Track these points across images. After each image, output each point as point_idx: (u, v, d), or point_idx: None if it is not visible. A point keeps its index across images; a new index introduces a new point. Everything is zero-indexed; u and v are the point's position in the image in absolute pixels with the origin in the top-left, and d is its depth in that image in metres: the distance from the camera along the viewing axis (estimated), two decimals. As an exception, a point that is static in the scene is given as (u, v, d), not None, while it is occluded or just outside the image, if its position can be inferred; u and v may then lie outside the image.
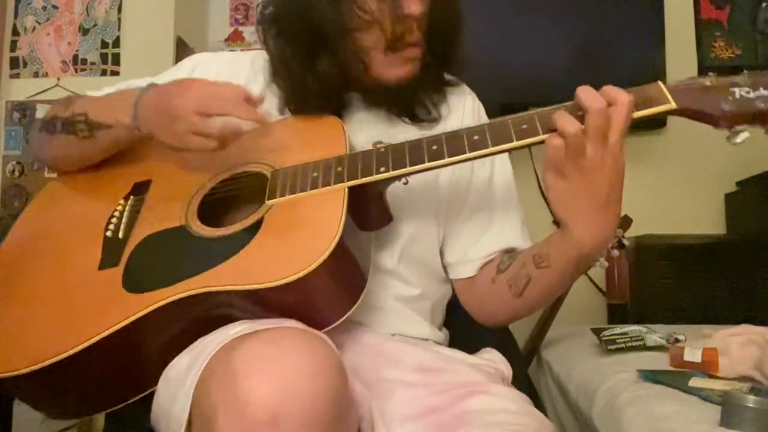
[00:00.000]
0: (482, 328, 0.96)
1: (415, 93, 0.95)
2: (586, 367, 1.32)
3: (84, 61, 2.18)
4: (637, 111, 0.71)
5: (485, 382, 0.83)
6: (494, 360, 0.90)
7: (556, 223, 0.78)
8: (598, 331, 1.38)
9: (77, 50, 2.18)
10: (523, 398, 0.84)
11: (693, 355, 1.13)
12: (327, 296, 0.75)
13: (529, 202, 1.07)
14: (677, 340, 1.30)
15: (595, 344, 1.37)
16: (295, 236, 0.77)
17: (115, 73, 2.16)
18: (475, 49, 0.97)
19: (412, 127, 0.96)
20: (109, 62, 2.17)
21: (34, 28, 2.20)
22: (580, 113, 0.70)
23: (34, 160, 2.10)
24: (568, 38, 2.12)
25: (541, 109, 0.75)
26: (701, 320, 1.61)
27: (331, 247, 0.71)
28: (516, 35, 2.12)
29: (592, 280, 2.14)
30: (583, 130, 0.69)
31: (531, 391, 0.95)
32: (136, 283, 0.78)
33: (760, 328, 1.15)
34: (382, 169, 0.78)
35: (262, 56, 0.99)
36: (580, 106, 0.71)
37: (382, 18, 0.86)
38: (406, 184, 0.90)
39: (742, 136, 0.71)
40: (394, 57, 0.88)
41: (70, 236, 0.89)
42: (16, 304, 0.83)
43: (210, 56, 1.04)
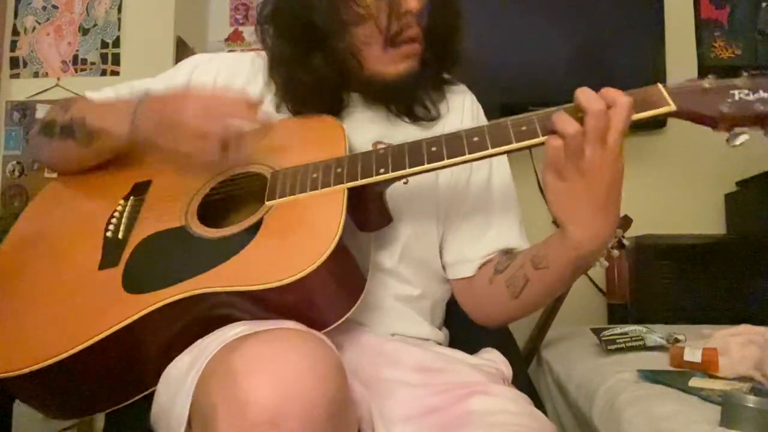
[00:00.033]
0: (482, 328, 0.97)
1: (415, 90, 0.95)
2: (586, 367, 1.32)
3: (84, 61, 2.18)
4: (636, 113, 0.71)
5: (485, 382, 0.83)
6: (494, 360, 0.90)
7: (556, 223, 0.78)
8: (598, 331, 1.38)
9: (77, 50, 2.18)
10: (524, 398, 0.84)
11: (693, 355, 1.13)
12: (327, 297, 0.75)
13: (529, 203, 1.07)
14: (677, 340, 1.30)
15: (595, 344, 1.37)
16: (295, 237, 0.77)
17: (115, 73, 2.16)
18: (475, 49, 0.97)
19: (412, 127, 0.96)
20: (109, 62, 2.17)
21: (34, 28, 2.20)
22: (580, 115, 0.70)
23: (33, 161, 2.10)
24: (568, 38, 2.11)
25: (541, 111, 0.75)
26: (701, 320, 1.61)
27: (331, 247, 0.71)
28: (516, 35, 2.12)
29: (592, 280, 2.14)
30: (583, 131, 0.69)
31: (531, 391, 0.95)
32: (135, 283, 0.78)
33: (760, 328, 1.15)
34: (382, 170, 0.78)
35: (262, 56, 0.99)
36: (579, 107, 0.71)
37: (379, 13, 0.86)
38: (406, 183, 0.90)
39: (742, 139, 0.71)
40: (394, 53, 0.89)
41: (70, 236, 0.89)
42: (16, 304, 0.83)
43: (210, 57, 1.04)
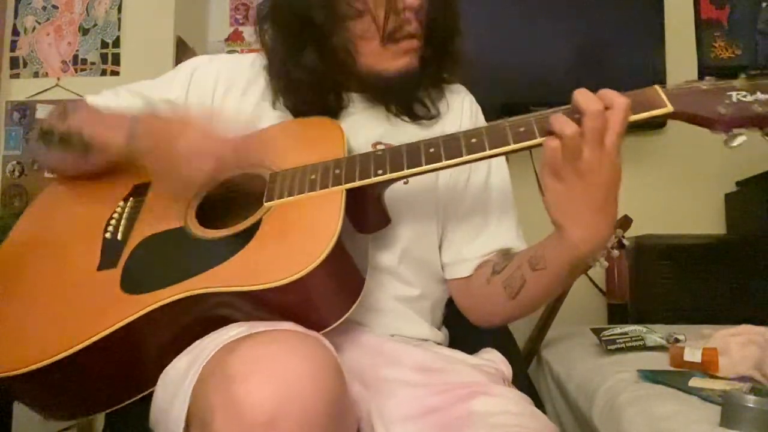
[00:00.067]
0: (482, 328, 0.97)
1: (415, 88, 0.95)
2: (586, 367, 1.32)
3: (84, 61, 2.18)
4: (633, 114, 0.71)
5: (486, 382, 0.83)
6: (494, 360, 0.90)
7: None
8: (598, 331, 1.38)
9: (77, 50, 2.18)
10: (525, 399, 0.83)
11: (693, 355, 1.13)
12: (325, 297, 0.75)
13: (530, 203, 1.07)
14: (677, 340, 1.30)
15: (595, 344, 1.37)
16: (293, 238, 0.77)
17: (115, 73, 2.16)
18: (476, 49, 0.97)
19: (412, 126, 0.96)
20: (109, 62, 2.17)
21: (34, 28, 2.20)
22: (577, 116, 0.70)
23: (33, 161, 2.10)
24: (568, 38, 2.12)
25: (539, 113, 0.75)
26: (701, 320, 1.61)
27: (329, 248, 0.71)
28: (516, 35, 2.12)
29: (592, 280, 2.14)
30: (580, 132, 0.69)
31: (531, 391, 0.95)
32: (134, 284, 0.78)
33: (760, 328, 1.15)
34: (380, 171, 0.78)
35: (262, 58, 0.99)
36: (577, 109, 0.71)
37: (377, 8, 0.86)
38: (407, 183, 0.90)
39: (739, 140, 0.71)
40: (392, 48, 0.89)
41: (70, 237, 0.89)
42: (15, 305, 0.83)
43: (210, 58, 1.04)
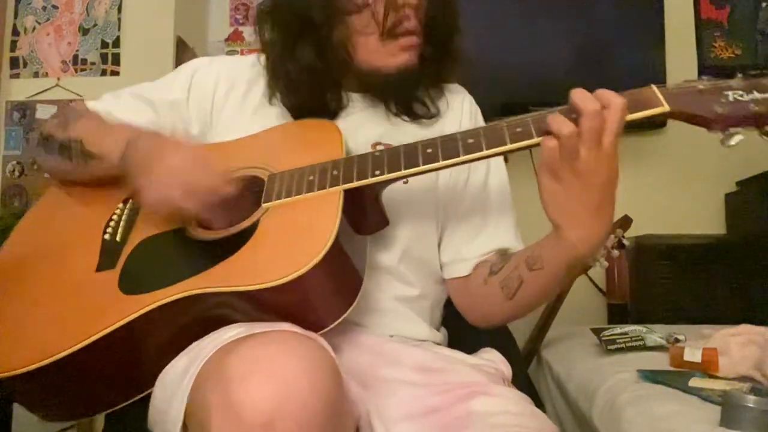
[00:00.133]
0: (480, 328, 0.97)
1: (414, 86, 0.95)
2: (586, 367, 1.32)
3: (84, 61, 2.18)
4: (630, 114, 0.71)
5: (486, 382, 0.83)
6: (494, 360, 0.90)
7: None
8: (598, 331, 1.38)
9: (77, 50, 2.18)
10: (525, 399, 0.83)
11: (693, 355, 1.13)
12: (322, 298, 0.75)
13: (529, 204, 1.07)
14: (677, 340, 1.30)
15: (595, 344, 1.37)
16: (291, 238, 0.77)
17: (115, 73, 2.16)
18: (475, 49, 0.97)
19: (412, 126, 0.96)
20: (109, 62, 2.17)
21: (34, 28, 2.20)
22: (574, 116, 0.71)
23: (33, 161, 2.10)
24: (568, 38, 2.12)
25: (536, 113, 0.75)
26: (701, 320, 1.61)
27: (326, 248, 0.71)
28: (516, 35, 2.12)
29: (592, 280, 2.14)
30: (578, 132, 0.70)
31: (531, 391, 0.95)
32: (132, 285, 0.78)
33: (760, 328, 1.15)
34: (377, 172, 0.78)
35: (262, 58, 0.99)
36: (574, 108, 0.71)
37: (376, 3, 0.86)
38: (406, 183, 0.90)
39: (736, 139, 0.71)
40: (391, 45, 0.89)
41: (70, 239, 0.90)
42: (14, 305, 0.83)
43: (210, 60, 1.04)
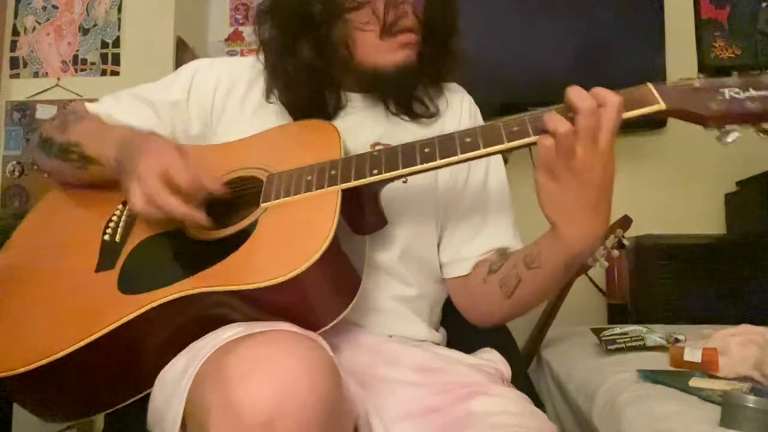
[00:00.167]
0: (480, 327, 0.97)
1: (413, 83, 0.95)
2: (586, 367, 1.32)
3: (84, 61, 2.18)
4: (626, 112, 0.72)
5: (485, 382, 0.83)
6: (493, 360, 0.90)
7: None
8: (598, 331, 1.38)
9: (77, 50, 2.18)
10: (524, 398, 0.83)
11: (693, 355, 1.13)
12: (321, 297, 0.75)
13: (529, 204, 1.07)
14: (677, 340, 1.30)
15: (595, 344, 1.37)
16: (289, 238, 0.77)
17: (115, 73, 2.16)
18: (475, 49, 0.97)
19: (411, 125, 0.96)
20: (109, 62, 2.17)
21: (34, 28, 2.20)
22: (571, 115, 0.71)
23: (33, 162, 2.10)
24: (568, 38, 2.12)
25: (533, 112, 0.75)
26: (701, 320, 1.61)
27: (324, 247, 0.71)
28: (516, 35, 2.12)
29: (592, 280, 2.13)
30: (574, 130, 0.70)
31: (531, 391, 0.95)
32: (131, 284, 0.79)
33: (760, 328, 1.15)
34: (375, 171, 0.78)
35: (262, 59, 0.99)
36: (570, 107, 0.71)
37: (375, 0, 0.87)
38: (405, 182, 0.90)
39: (733, 136, 0.71)
40: (390, 42, 0.89)
41: (70, 240, 0.90)
42: (14, 305, 0.83)
43: (210, 62, 1.04)
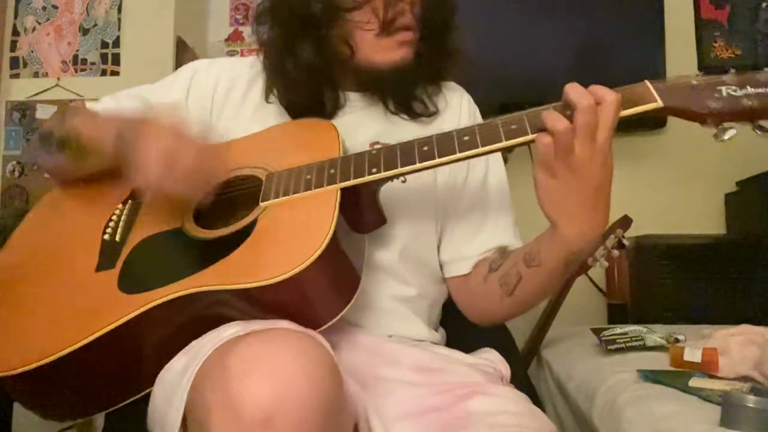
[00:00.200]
0: (481, 328, 0.97)
1: (411, 82, 0.95)
2: (586, 367, 1.32)
3: (84, 61, 2.18)
4: (624, 109, 0.72)
5: (484, 382, 0.83)
6: (493, 360, 0.90)
7: None
8: (598, 331, 1.38)
9: (77, 50, 2.18)
10: (523, 398, 0.83)
11: (693, 355, 1.13)
12: (320, 295, 0.76)
13: (529, 202, 1.07)
14: (677, 340, 1.30)
15: (595, 344, 1.37)
16: (288, 236, 0.77)
17: (115, 73, 2.16)
18: (475, 49, 0.98)
19: (410, 124, 0.96)
20: (109, 62, 2.17)
21: (34, 28, 2.20)
22: (569, 112, 0.71)
23: (34, 162, 2.10)
24: (568, 38, 2.11)
25: (531, 110, 0.75)
26: (701, 320, 1.61)
27: (323, 246, 0.71)
28: (516, 35, 2.11)
29: (592, 280, 2.13)
30: (572, 128, 0.70)
31: (530, 390, 0.95)
32: (131, 284, 0.79)
33: (760, 328, 1.15)
34: (374, 170, 0.79)
35: (261, 59, 0.99)
36: (568, 104, 0.71)
37: (374, 0, 0.87)
38: (404, 182, 0.90)
39: (729, 134, 0.72)
40: (387, 41, 0.89)
41: (70, 240, 0.90)
42: (15, 306, 0.83)
43: (210, 62, 1.04)
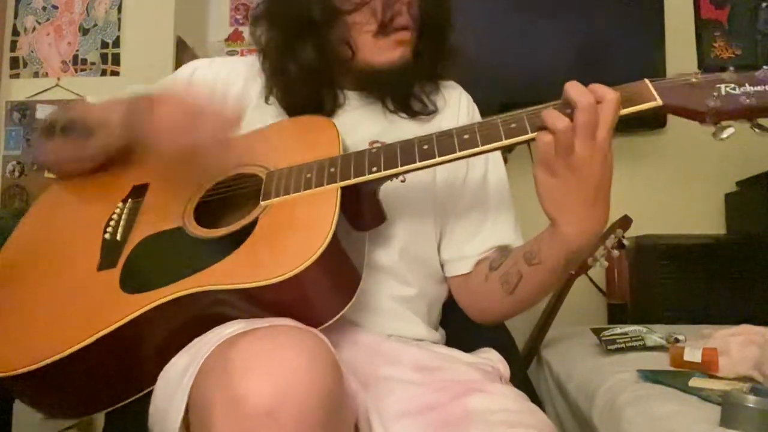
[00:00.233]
0: (480, 327, 0.97)
1: (410, 81, 0.95)
2: (586, 367, 1.32)
3: (84, 61, 2.18)
4: (623, 108, 0.72)
5: (483, 380, 0.83)
6: (492, 359, 0.90)
7: None
8: (598, 331, 1.38)
9: (77, 50, 2.18)
10: (522, 396, 0.84)
11: (693, 355, 1.13)
12: (321, 294, 0.76)
13: (529, 201, 1.07)
14: (677, 340, 1.30)
15: (595, 344, 1.37)
16: (289, 236, 0.77)
17: (115, 73, 2.16)
18: (475, 49, 0.98)
19: (409, 123, 0.97)
20: (109, 62, 2.17)
21: (34, 28, 2.20)
22: (569, 111, 0.71)
23: (33, 163, 2.10)
24: (568, 38, 2.11)
25: (531, 108, 0.76)
26: (701, 320, 1.61)
27: (324, 245, 0.72)
28: (516, 35, 2.11)
29: (592, 280, 2.13)
30: (572, 126, 0.70)
31: (530, 390, 0.95)
32: (133, 283, 0.79)
33: (760, 328, 1.15)
34: (374, 169, 0.79)
35: (260, 58, 0.99)
36: (568, 103, 0.71)
37: (372, 1, 0.87)
38: (404, 182, 0.90)
39: (728, 132, 0.72)
40: (385, 41, 0.89)
41: (70, 239, 0.90)
42: (16, 305, 0.83)
43: (209, 61, 1.05)
